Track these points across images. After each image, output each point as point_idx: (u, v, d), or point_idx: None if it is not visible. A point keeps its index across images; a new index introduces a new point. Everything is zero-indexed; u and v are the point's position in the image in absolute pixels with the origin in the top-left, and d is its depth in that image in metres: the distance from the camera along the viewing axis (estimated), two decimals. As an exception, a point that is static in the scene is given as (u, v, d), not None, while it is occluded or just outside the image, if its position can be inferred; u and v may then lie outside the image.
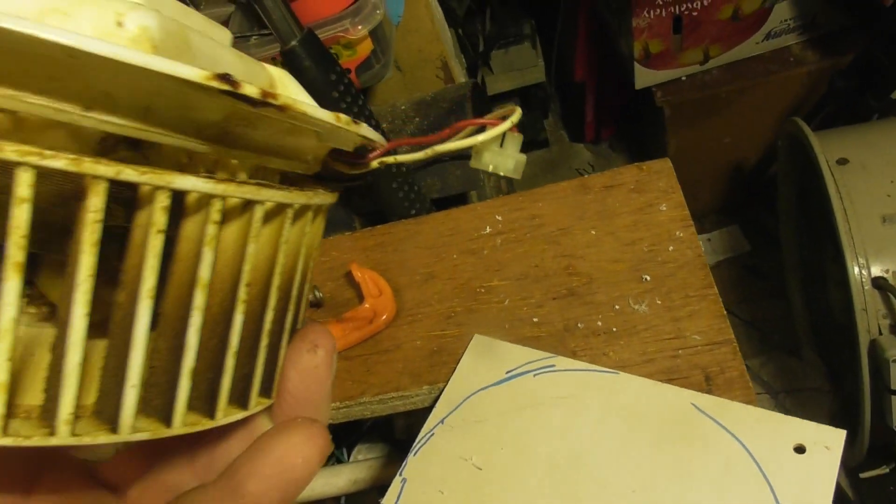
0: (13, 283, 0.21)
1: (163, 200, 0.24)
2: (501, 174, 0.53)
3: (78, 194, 0.23)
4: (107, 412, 0.25)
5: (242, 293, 0.28)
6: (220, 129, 0.26)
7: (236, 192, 0.26)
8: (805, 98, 1.62)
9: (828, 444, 0.57)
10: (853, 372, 1.15)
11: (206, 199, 0.26)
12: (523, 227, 0.82)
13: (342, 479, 0.92)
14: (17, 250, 0.21)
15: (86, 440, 0.24)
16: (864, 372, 1.13)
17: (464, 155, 0.97)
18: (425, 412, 0.95)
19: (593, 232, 0.78)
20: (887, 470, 1.42)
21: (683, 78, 1.68)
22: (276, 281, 0.30)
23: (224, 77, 0.23)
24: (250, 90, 0.23)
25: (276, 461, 0.29)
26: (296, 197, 0.29)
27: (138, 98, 0.24)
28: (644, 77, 1.66)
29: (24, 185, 0.21)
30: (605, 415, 0.64)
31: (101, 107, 0.23)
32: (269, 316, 0.30)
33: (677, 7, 1.51)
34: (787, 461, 0.57)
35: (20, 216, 0.21)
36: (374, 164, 0.36)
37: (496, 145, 0.52)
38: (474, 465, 0.65)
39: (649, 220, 0.76)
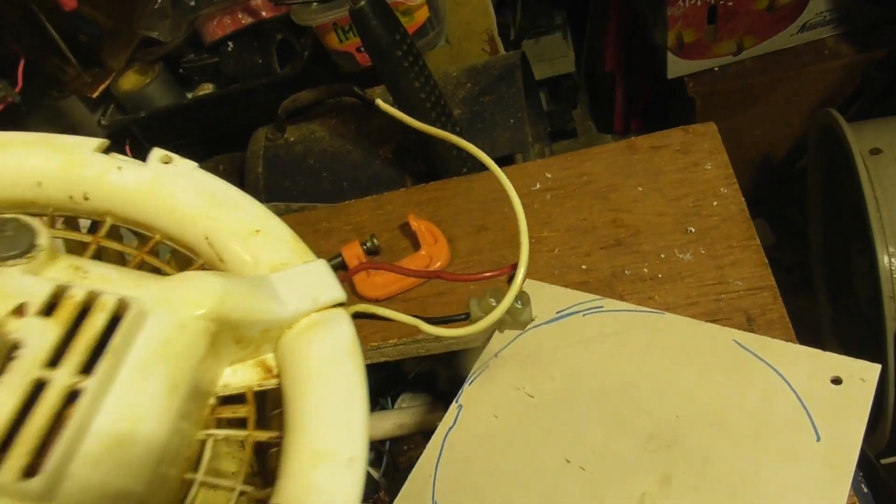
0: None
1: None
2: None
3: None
4: None
5: None
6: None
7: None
8: (838, 91, 1.64)
9: (863, 376, 0.61)
10: (878, 362, 1.17)
11: None
12: (572, 184, 0.86)
13: (388, 423, 0.96)
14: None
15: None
16: (890, 359, 1.15)
17: (514, 118, 1.01)
18: (468, 365, 1.00)
19: (640, 188, 0.82)
20: (909, 456, 1.44)
21: (716, 69, 1.69)
22: None
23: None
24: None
25: None
26: None
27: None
28: (677, 67, 1.68)
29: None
30: (650, 350, 0.68)
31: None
32: None
33: (712, -4, 1.53)
34: (825, 392, 0.61)
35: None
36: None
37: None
38: (526, 394, 0.69)
39: (694, 177, 0.81)
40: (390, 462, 0.97)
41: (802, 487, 0.56)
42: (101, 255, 0.54)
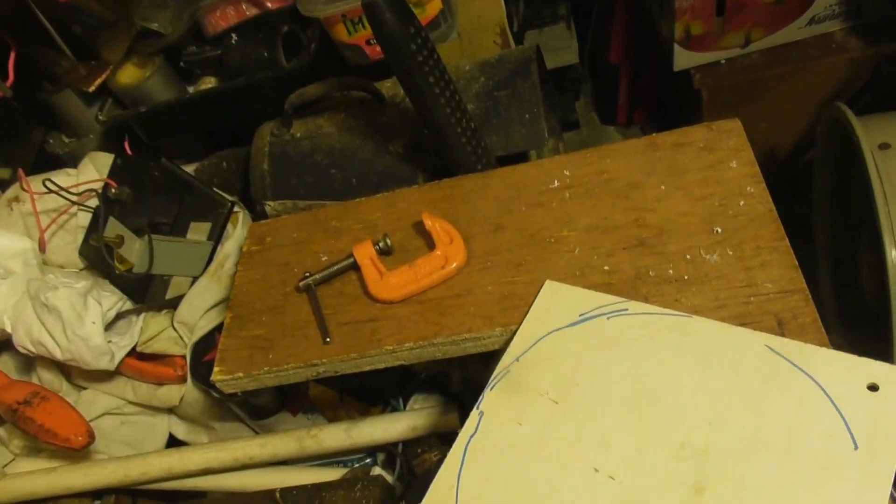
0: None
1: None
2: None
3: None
4: None
5: None
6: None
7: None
8: (845, 85, 1.62)
9: (902, 382, 0.59)
10: (883, 358, 1.16)
11: None
12: (592, 182, 0.84)
13: (401, 425, 0.94)
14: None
15: None
16: (896, 355, 1.14)
17: (529, 113, 0.99)
18: (480, 366, 0.97)
19: (663, 187, 0.80)
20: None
21: (723, 61, 1.67)
22: None
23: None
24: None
25: None
26: None
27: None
28: (683, 59, 1.66)
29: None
30: (679, 355, 0.66)
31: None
32: None
33: (721, -12, 1.51)
34: (861, 399, 0.59)
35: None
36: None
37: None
38: (551, 400, 0.67)
39: (719, 176, 0.79)
40: (404, 465, 0.95)
41: (840, 497, 0.55)
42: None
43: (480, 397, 0.70)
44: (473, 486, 0.64)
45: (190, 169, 1.20)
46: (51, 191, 0.97)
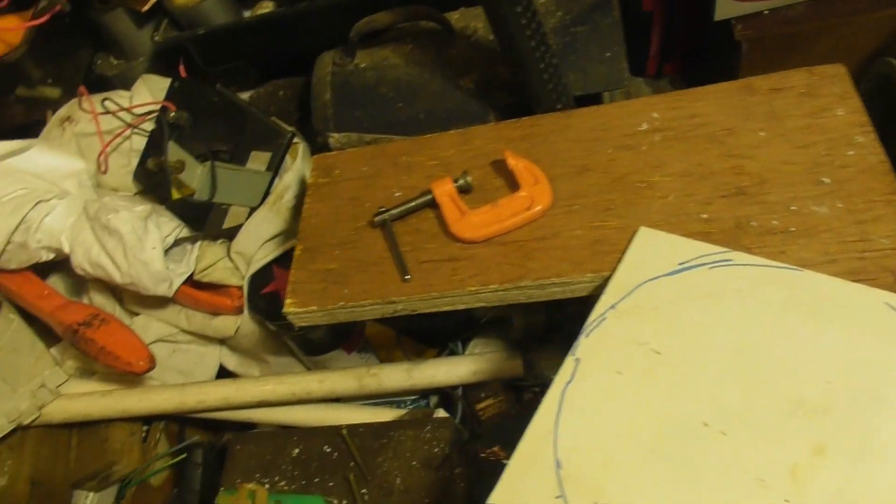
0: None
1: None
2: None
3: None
4: None
5: None
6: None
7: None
8: (894, 41, 1.58)
9: None
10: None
11: None
12: (683, 126, 0.81)
13: (463, 369, 0.92)
14: None
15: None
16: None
17: (610, 51, 0.95)
18: (543, 314, 0.95)
19: (762, 133, 0.77)
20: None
21: (766, 11, 1.61)
22: None
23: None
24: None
25: None
26: None
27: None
28: (726, 8, 1.60)
29: None
30: (788, 309, 0.64)
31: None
32: None
33: (768, -67, 1.45)
34: None
35: None
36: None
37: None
38: (652, 350, 0.65)
39: (824, 124, 0.75)
40: (466, 408, 0.93)
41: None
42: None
43: (575, 344, 0.67)
44: (573, 433, 0.62)
45: (244, 97, 1.15)
46: (108, 111, 0.93)
